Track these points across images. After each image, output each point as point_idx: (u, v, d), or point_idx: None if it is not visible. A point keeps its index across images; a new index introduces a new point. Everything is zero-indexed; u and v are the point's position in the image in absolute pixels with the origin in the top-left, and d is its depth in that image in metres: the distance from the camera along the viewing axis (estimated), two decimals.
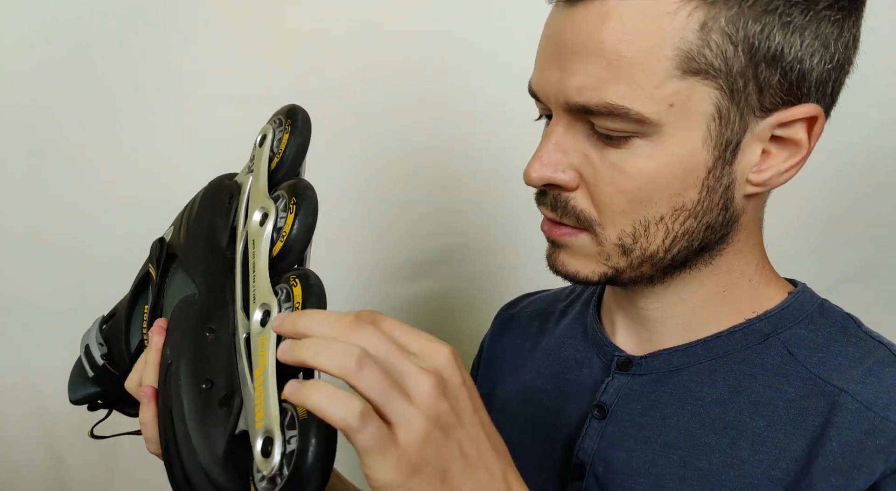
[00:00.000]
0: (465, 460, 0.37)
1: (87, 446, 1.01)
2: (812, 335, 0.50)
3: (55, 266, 0.96)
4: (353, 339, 0.36)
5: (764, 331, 0.51)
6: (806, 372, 0.48)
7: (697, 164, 0.45)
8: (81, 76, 0.92)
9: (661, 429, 0.51)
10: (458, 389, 0.38)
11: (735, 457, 0.47)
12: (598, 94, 0.44)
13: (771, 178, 0.47)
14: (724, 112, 0.44)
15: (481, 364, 0.71)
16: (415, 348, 0.37)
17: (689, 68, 0.43)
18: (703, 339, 0.51)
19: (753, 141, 0.46)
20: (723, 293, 0.51)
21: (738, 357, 0.50)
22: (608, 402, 0.54)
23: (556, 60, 0.46)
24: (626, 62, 0.43)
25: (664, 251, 0.48)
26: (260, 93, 0.94)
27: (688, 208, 0.46)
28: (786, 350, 0.49)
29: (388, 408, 0.35)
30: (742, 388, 0.49)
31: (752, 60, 0.43)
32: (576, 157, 0.47)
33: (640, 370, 0.53)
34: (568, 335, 0.61)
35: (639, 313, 0.54)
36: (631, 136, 0.45)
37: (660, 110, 0.43)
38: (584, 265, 0.50)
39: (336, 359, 0.35)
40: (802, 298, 0.52)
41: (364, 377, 0.35)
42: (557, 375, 0.59)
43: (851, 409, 0.45)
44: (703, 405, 0.50)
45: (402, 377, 0.36)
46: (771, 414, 0.48)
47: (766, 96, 0.44)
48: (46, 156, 0.93)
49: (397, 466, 0.35)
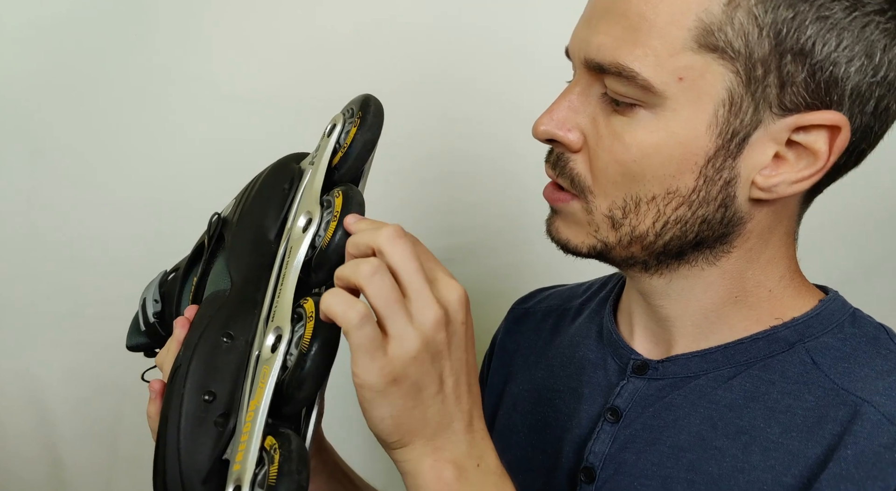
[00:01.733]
0: (440, 387, 0.41)
1: (87, 446, 1.01)
2: (839, 344, 0.48)
3: (55, 266, 0.96)
4: (387, 245, 0.40)
5: (789, 339, 0.48)
6: (828, 382, 0.46)
7: (697, 148, 0.43)
8: (81, 75, 0.92)
9: (672, 431, 0.49)
10: (457, 326, 0.41)
11: (746, 462, 0.46)
12: (612, 53, 0.43)
13: (779, 186, 0.44)
14: (737, 99, 0.42)
15: (493, 358, 0.70)
16: (436, 277, 0.41)
17: (706, 43, 0.41)
18: (725, 345, 0.49)
19: (766, 140, 0.43)
20: (735, 299, 0.49)
21: (758, 364, 0.48)
22: (622, 406, 0.52)
23: (590, 20, 0.46)
24: (647, 25, 0.42)
25: (654, 235, 0.46)
26: (262, 92, 0.93)
27: (681, 194, 0.45)
28: (810, 359, 0.47)
29: (388, 320, 0.39)
30: (759, 394, 0.47)
31: (778, 49, 0.41)
32: (584, 120, 0.47)
33: (656, 374, 0.52)
34: (583, 335, 0.60)
35: (650, 310, 0.52)
36: (636, 104, 0.44)
37: (668, 81, 0.42)
38: (574, 234, 0.49)
39: (356, 266, 0.39)
40: (833, 307, 0.49)
41: (373, 284, 0.39)
42: (571, 376, 0.58)
43: (872, 420, 0.43)
44: (716, 409, 0.48)
45: (415, 298, 0.40)
46: (787, 421, 0.46)
47: (787, 93, 0.42)
48: (46, 156, 0.93)
49: (381, 371, 0.39)
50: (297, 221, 0.46)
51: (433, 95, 0.95)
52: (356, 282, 0.40)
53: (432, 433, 0.42)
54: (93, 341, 0.98)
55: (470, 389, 0.43)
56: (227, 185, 0.95)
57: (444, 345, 0.41)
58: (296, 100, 0.94)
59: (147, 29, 0.92)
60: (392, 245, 0.40)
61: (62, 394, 0.99)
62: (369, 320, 0.38)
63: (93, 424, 1.01)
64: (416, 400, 0.40)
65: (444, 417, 0.42)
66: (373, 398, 0.39)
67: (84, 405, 1.00)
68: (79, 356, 0.98)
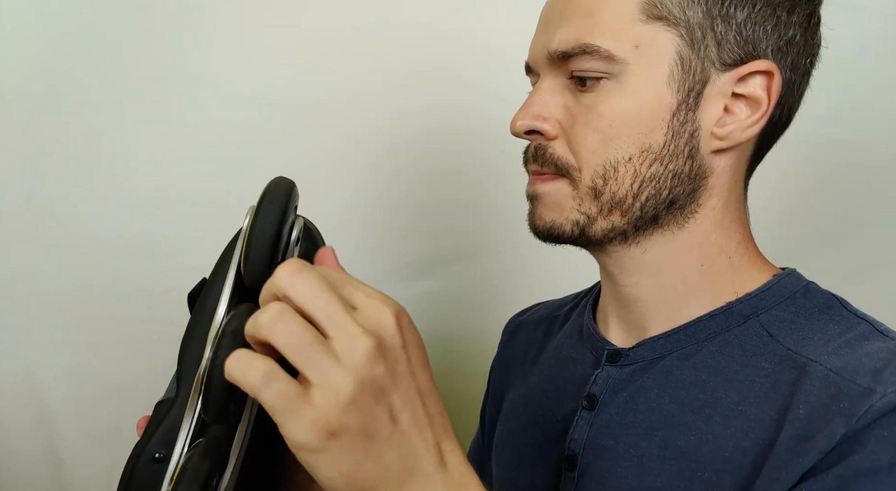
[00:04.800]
0: (394, 426, 0.35)
1: (87, 446, 1.01)
2: (792, 317, 0.51)
3: (55, 266, 0.96)
4: (289, 287, 0.34)
5: (743, 313, 0.51)
6: (783, 349, 0.49)
7: (662, 105, 0.49)
8: (81, 76, 0.92)
9: (645, 413, 0.52)
10: (396, 352, 0.35)
11: (709, 432, 0.48)
12: (574, 40, 0.49)
13: (733, 132, 0.50)
14: (686, 59, 0.49)
15: (494, 372, 0.73)
16: (358, 303, 0.35)
17: (652, 14, 0.49)
18: (686, 324, 0.53)
19: (716, 95, 0.49)
20: (701, 267, 0.52)
21: (717, 340, 0.51)
22: (597, 392, 0.55)
23: (546, 27, 0.52)
24: (599, 10, 0.49)
25: (632, 197, 0.50)
26: (265, 92, 0.94)
27: (654, 151, 0.49)
28: (765, 331, 0.50)
29: (306, 367, 0.33)
30: (720, 367, 0.50)
31: (708, 15, 0.48)
32: (556, 109, 0.52)
33: (627, 360, 0.55)
34: (567, 336, 0.63)
35: (622, 294, 0.55)
36: (601, 77, 0.49)
37: (626, 49, 0.48)
38: (558, 214, 0.52)
39: (254, 319, 0.34)
40: (786, 281, 0.52)
41: (277, 333, 0.33)
42: (556, 375, 0.61)
43: (819, 375, 0.45)
44: (682, 386, 0.51)
45: (337, 334, 0.34)
46: (745, 389, 0.48)
47: (724, 51, 0.49)
48: (49, 155, 0.93)
49: (312, 427, 0.33)
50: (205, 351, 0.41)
51: (433, 95, 0.95)
52: (260, 337, 0.34)
53: (398, 482, 0.36)
54: (93, 341, 0.98)
55: (432, 421, 0.37)
56: (228, 186, 0.96)
57: (387, 377, 0.35)
58: (297, 100, 0.94)
59: (148, 29, 0.92)
60: (292, 282, 0.34)
61: (62, 394, 0.99)
62: (276, 376, 0.33)
63: (93, 424, 1.01)
64: (366, 450, 0.34)
65: (408, 460, 0.36)
66: (313, 460, 0.34)
67: (84, 405, 1.00)
68: (79, 356, 0.98)
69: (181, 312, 1.09)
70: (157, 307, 0.96)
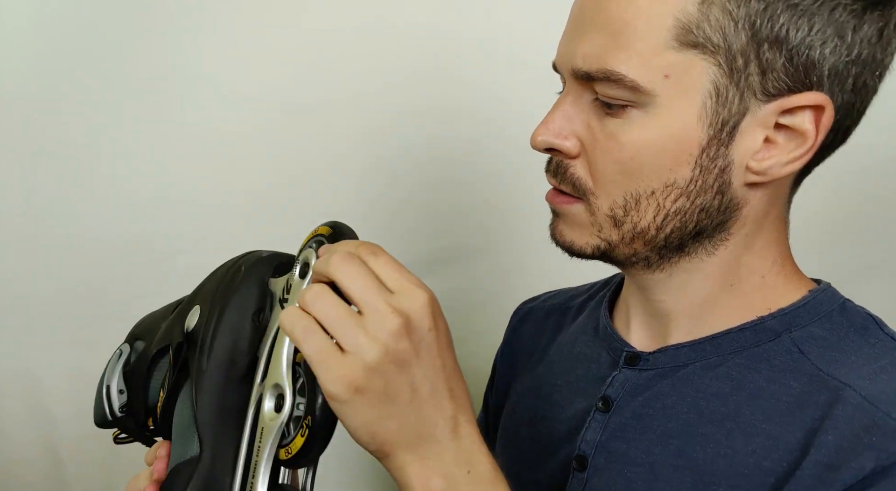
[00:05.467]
0: (414, 395, 0.41)
1: (87, 446, 1.01)
2: (826, 334, 0.48)
3: (55, 266, 0.96)
4: (335, 271, 0.40)
5: (776, 329, 0.49)
6: (814, 369, 0.47)
7: (691, 140, 0.45)
8: (81, 76, 0.92)
9: (661, 419, 0.51)
10: (423, 332, 0.41)
11: (729, 447, 0.47)
12: (598, 61, 0.45)
13: (772, 168, 0.46)
14: (722, 90, 0.44)
15: (500, 358, 0.72)
16: (394, 287, 0.41)
17: (686, 41, 0.43)
18: (713, 335, 0.51)
19: (755, 126, 0.45)
20: (731, 287, 0.50)
21: (745, 354, 0.49)
22: (613, 395, 0.54)
23: (573, 33, 0.48)
24: (629, 30, 0.44)
25: (656, 229, 0.47)
26: (265, 92, 0.93)
27: (679, 186, 0.46)
28: (796, 348, 0.48)
29: (339, 337, 0.39)
30: (745, 381, 0.49)
31: (754, 39, 0.43)
32: (579, 126, 0.48)
33: (647, 365, 0.53)
34: (581, 332, 0.62)
35: (650, 306, 0.53)
36: (628, 105, 0.45)
37: (654, 79, 0.44)
38: (578, 235, 0.50)
39: (301, 296, 0.41)
40: (822, 297, 0.50)
41: (316, 307, 0.40)
42: (568, 371, 0.60)
43: (853, 402, 0.44)
44: (703, 397, 0.50)
45: (369, 312, 0.40)
46: (770, 407, 0.47)
47: (769, 79, 0.44)
48: (49, 155, 0.93)
49: (339, 381, 0.39)
50: (265, 402, 0.44)
51: (433, 95, 0.95)
52: (306, 311, 0.41)
53: (413, 443, 0.41)
54: (93, 341, 0.98)
55: (452, 394, 0.42)
56: (228, 186, 0.96)
57: (411, 353, 0.40)
58: (297, 100, 0.94)
59: (148, 29, 0.92)
60: (337, 269, 0.40)
61: (63, 394, 0.99)
62: (314, 332, 0.40)
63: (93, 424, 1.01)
64: (387, 410, 0.40)
65: (424, 425, 0.41)
66: (340, 408, 0.40)
67: (85, 406, 1.00)
68: (79, 356, 0.98)
69: None
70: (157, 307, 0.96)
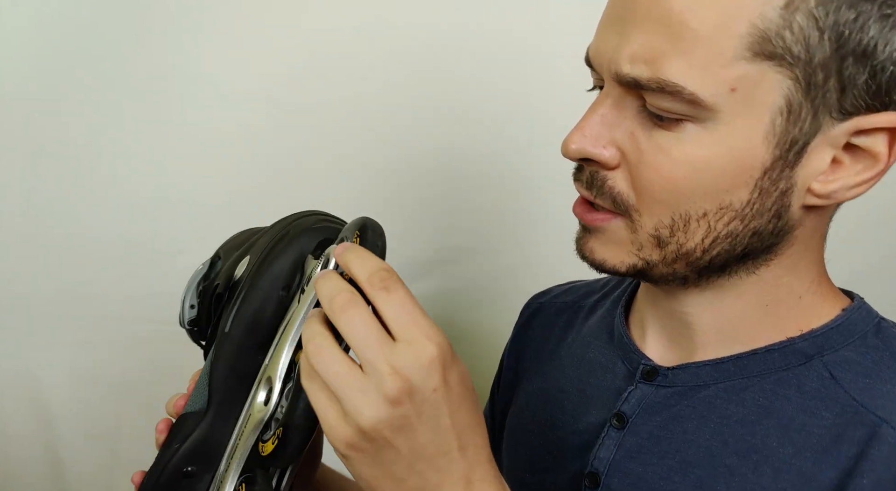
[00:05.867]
0: (415, 456, 0.38)
1: (87, 447, 1.01)
2: (860, 358, 0.45)
3: (55, 266, 0.96)
4: (338, 318, 0.37)
5: (807, 352, 0.46)
6: (847, 398, 0.43)
7: (754, 161, 0.40)
8: (85, 75, 0.91)
9: (681, 444, 0.47)
10: (426, 393, 0.37)
11: (756, 483, 0.44)
12: (651, 68, 0.39)
13: (837, 191, 0.41)
14: (795, 107, 0.39)
15: (508, 354, 0.69)
16: (400, 334, 0.37)
17: (762, 51, 0.38)
18: (738, 355, 0.47)
19: (824, 146, 0.40)
20: (765, 307, 0.46)
21: (773, 378, 0.46)
22: (629, 412, 0.50)
23: (618, 25, 0.41)
24: (691, 34, 0.38)
25: (702, 251, 0.43)
26: (265, 92, 0.93)
27: (735, 208, 0.42)
28: (828, 373, 0.44)
29: (338, 396, 0.37)
30: (773, 409, 0.45)
31: (839, 52, 0.38)
32: (621, 134, 0.43)
33: (665, 381, 0.50)
34: (594, 336, 0.58)
35: (673, 317, 0.49)
36: (683, 119, 0.40)
37: (718, 94, 0.38)
38: (613, 254, 0.45)
39: (304, 346, 0.38)
40: (856, 317, 0.46)
41: (318, 364, 0.37)
42: (580, 378, 0.57)
43: (891, 442, 0.41)
44: (727, 424, 0.46)
45: (369, 371, 0.37)
46: (801, 440, 0.43)
47: (847, 97, 0.39)
48: (49, 155, 0.93)
49: (337, 438, 0.37)
50: (258, 394, 0.44)
51: (434, 95, 0.95)
52: (307, 360, 0.39)
53: None
54: (93, 341, 0.98)
55: (464, 453, 0.39)
56: (228, 186, 0.96)
57: (411, 417, 0.37)
58: (297, 100, 0.94)
59: (148, 29, 0.91)
60: (339, 316, 0.37)
61: (63, 394, 0.99)
62: (319, 389, 0.38)
63: (93, 424, 1.01)
64: (384, 470, 0.38)
65: (426, 487, 0.38)
66: (342, 459, 0.38)
67: (85, 406, 1.00)
68: (79, 356, 0.98)
69: None
70: (157, 307, 0.96)
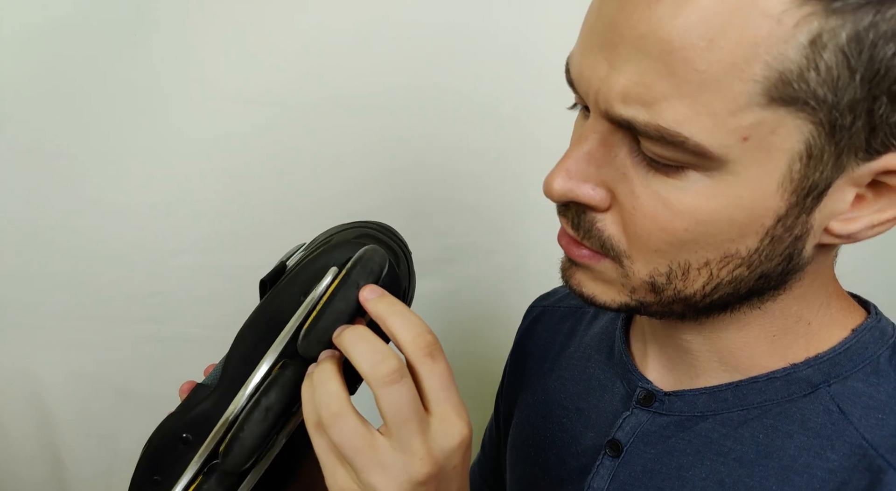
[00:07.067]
0: None
1: (87, 447, 1.01)
2: (872, 391, 0.40)
3: (55, 266, 0.96)
4: (378, 389, 0.37)
5: (812, 380, 0.41)
6: (857, 437, 0.39)
7: (766, 210, 0.35)
8: (79, 77, 0.91)
9: (676, 482, 0.44)
10: (448, 470, 0.37)
11: None
12: (649, 112, 0.33)
13: (860, 232, 0.37)
14: (816, 152, 0.34)
15: (510, 362, 0.67)
16: (435, 409, 0.37)
17: (780, 95, 0.32)
18: (736, 383, 0.43)
19: (846, 185, 0.36)
20: (772, 338, 0.43)
21: (774, 411, 0.42)
22: (623, 440, 0.48)
23: (607, 49, 0.35)
24: (697, 76, 0.32)
25: (702, 295, 0.39)
26: (265, 93, 0.93)
27: (741, 256, 0.37)
28: (836, 407, 0.40)
29: (355, 468, 0.37)
30: (773, 448, 0.41)
31: (871, 92, 0.32)
32: (611, 174, 0.37)
33: (661, 408, 0.47)
34: (596, 349, 0.55)
35: (671, 343, 0.46)
36: (686, 166, 0.35)
37: (728, 144, 0.33)
38: (603, 291, 0.41)
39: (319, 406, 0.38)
40: (867, 338, 0.42)
41: (334, 431, 0.37)
42: (580, 395, 0.54)
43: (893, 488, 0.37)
44: (724, 463, 0.42)
45: (399, 448, 0.36)
46: (803, 484, 0.39)
47: (877, 136, 0.34)
48: (46, 156, 0.93)
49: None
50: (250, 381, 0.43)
51: (433, 95, 0.95)
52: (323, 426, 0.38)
53: None
54: (93, 341, 0.98)
55: None
56: (227, 186, 0.96)
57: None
58: (294, 101, 0.94)
59: (145, 30, 0.91)
60: (383, 390, 0.37)
61: (63, 394, 0.99)
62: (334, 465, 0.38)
63: (93, 424, 1.01)
64: None
65: None
66: None
67: (85, 405, 1.00)
68: (79, 356, 0.98)
69: (181, 311, 1.09)
70: (157, 307, 0.96)
